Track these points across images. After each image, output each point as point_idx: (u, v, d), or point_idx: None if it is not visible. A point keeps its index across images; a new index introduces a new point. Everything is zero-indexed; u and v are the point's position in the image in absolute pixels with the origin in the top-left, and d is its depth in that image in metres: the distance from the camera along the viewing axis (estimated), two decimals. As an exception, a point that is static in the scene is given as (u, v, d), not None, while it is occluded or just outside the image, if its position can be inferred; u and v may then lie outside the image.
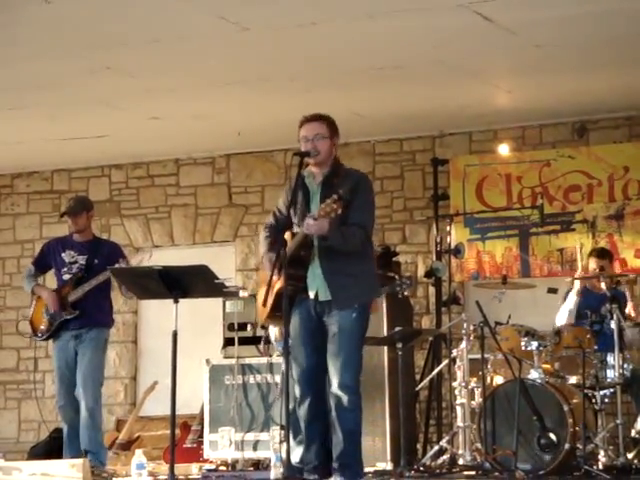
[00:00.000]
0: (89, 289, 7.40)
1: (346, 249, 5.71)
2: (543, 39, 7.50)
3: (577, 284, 7.92)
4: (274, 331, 7.84)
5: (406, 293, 7.58)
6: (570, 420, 6.94)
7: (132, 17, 7.01)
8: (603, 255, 8.09)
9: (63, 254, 7.59)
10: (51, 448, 8.01)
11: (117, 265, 7.18)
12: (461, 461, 7.36)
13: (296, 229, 5.81)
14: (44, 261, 7.73)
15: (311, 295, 5.77)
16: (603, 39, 7.52)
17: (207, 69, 8.03)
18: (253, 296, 8.10)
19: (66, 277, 7.53)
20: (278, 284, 5.71)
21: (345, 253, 5.72)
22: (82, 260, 7.53)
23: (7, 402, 10.77)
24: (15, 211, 11.01)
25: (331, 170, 5.86)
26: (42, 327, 7.57)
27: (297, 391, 5.82)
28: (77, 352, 7.48)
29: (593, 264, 7.98)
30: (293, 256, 5.67)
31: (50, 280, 7.93)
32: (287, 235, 5.79)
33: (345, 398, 5.66)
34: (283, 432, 5.84)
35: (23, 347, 10.55)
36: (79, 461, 6.75)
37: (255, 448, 8.13)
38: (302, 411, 5.80)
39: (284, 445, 5.63)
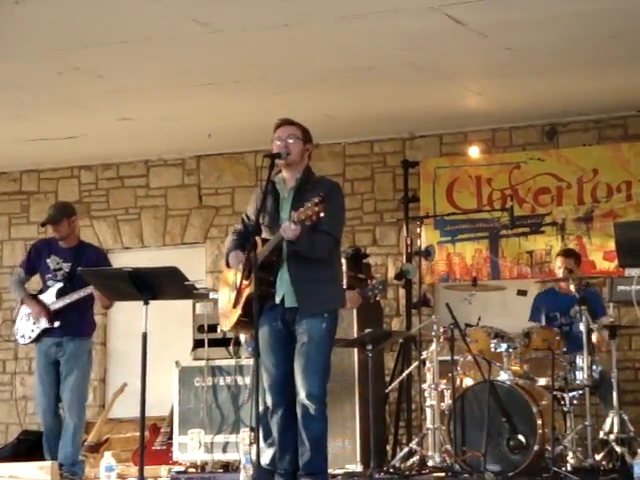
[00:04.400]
0: (70, 302, 7.36)
1: (313, 256, 5.70)
2: (513, 42, 7.53)
3: None
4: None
5: (378, 298, 7.62)
6: (539, 422, 6.97)
7: (101, 18, 6.97)
8: (569, 255, 8.14)
9: (48, 260, 7.55)
10: (19, 450, 7.96)
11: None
12: (431, 463, 7.38)
13: (265, 235, 5.79)
14: (32, 264, 7.70)
15: (277, 300, 5.75)
16: (573, 42, 7.56)
17: (177, 70, 8.00)
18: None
19: (49, 283, 7.51)
20: (247, 290, 5.69)
21: (313, 259, 5.71)
22: (66, 268, 7.48)
23: (-25, 404, 10.69)
24: (-17, 212, 10.93)
25: (303, 176, 5.85)
26: (25, 332, 7.55)
27: (269, 400, 5.80)
28: (59, 361, 7.46)
29: (559, 263, 8.02)
30: (265, 260, 5.65)
31: (36, 282, 7.86)
32: (258, 240, 5.77)
33: (312, 407, 5.66)
34: (253, 434, 5.84)
35: (-9, 350, 10.49)
36: (47, 463, 6.73)
37: (225, 450, 8.11)
38: (275, 420, 5.79)
39: (254, 447, 5.62)
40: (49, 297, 7.48)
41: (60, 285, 7.46)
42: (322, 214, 5.49)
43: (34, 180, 10.83)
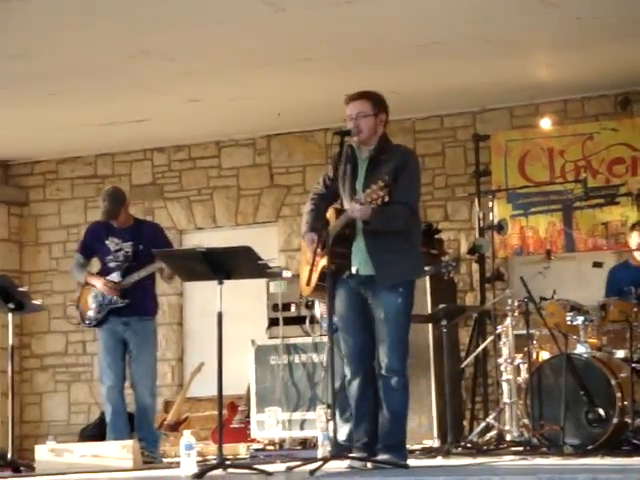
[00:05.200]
0: (138, 279, 7.41)
1: (389, 229, 5.68)
2: (584, 11, 7.42)
3: None
4: (319, 309, 7.86)
5: (451, 275, 7.60)
6: (618, 394, 6.90)
7: (172, 1, 7.02)
8: None
9: (107, 241, 7.55)
10: (101, 430, 8.08)
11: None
12: (508, 437, 7.36)
13: (343, 200, 5.77)
14: (89, 248, 7.71)
15: (353, 270, 5.74)
16: (645, 9, 7.43)
17: (245, 51, 8.03)
18: (297, 276, 8.13)
19: (112, 265, 7.52)
20: (322, 262, 5.71)
21: (389, 231, 5.70)
22: (127, 247, 7.50)
23: (57, 385, 10.90)
24: (60, 196, 11.11)
25: (377, 147, 5.80)
26: (90, 314, 7.58)
27: (347, 370, 5.82)
28: (126, 340, 7.51)
29: (637, 238, 7.90)
30: (338, 235, 5.66)
31: (95, 265, 7.95)
32: (330, 212, 5.79)
33: (393, 380, 5.66)
34: (329, 411, 5.87)
35: (71, 331, 10.68)
36: (129, 442, 6.84)
37: (302, 427, 8.17)
38: (352, 389, 5.79)
39: (331, 424, 5.66)
40: (115, 278, 7.50)
41: (125, 265, 7.46)
42: (387, 198, 5.44)
43: (108, 163, 10.97)
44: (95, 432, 8.99)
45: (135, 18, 7.24)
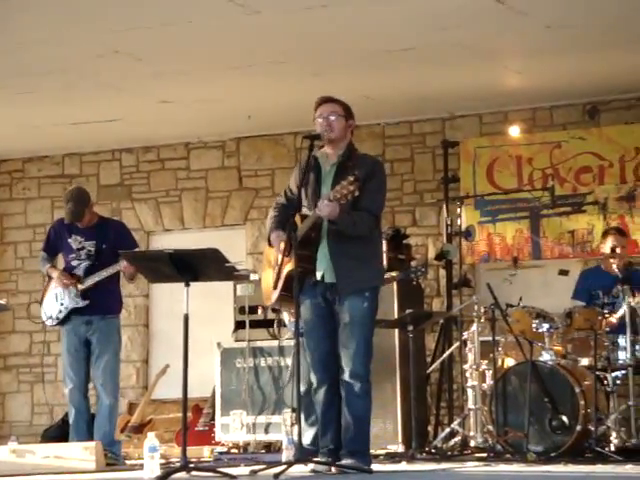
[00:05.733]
0: (99, 280, 7.34)
1: (354, 234, 5.70)
2: (554, 20, 7.47)
3: None
4: (286, 313, 7.85)
5: (420, 281, 7.62)
6: (582, 402, 6.94)
7: (141, 1, 7.00)
8: (622, 233, 8.10)
9: (69, 239, 7.50)
10: (64, 431, 8.03)
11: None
12: (472, 443, 7.38)
13: (305, 210, 5.80)
14: (52, 246, 7.66)
15: (318, 276, 5.76)
16: (613, 19, 7.48)
17: (216, 52, 8.01)
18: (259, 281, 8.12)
19: (75, 263, 7.47)
20: (288, 266, 5.71)
21: (353, 236, 5.71)
22: (90, 246, 7.45)
23: (20, 385, 10.82)
24: (27, 195, 11.03)
25: (345, 153, 5.84)
26: (52, 313, 7.53)
27: (313, 377, 5.82)
28: (89, 340, 7.44)
29: (613, 241, 7.91)
30: (304, 237, 5.67)
31: (60, 263, 7.89)
32: (297, 218, 5.79)
33: (356, 386, 5.68)
34: (294, 415, 5.86)
35: (35, 331, 10.57)
36: (92, 444, 6.80)
37: (267, 431, 8.16)
38: (319, 397, 5.80)
39: (296, 428, 5.65)
40: (81, 271, 7.43)
41: (87, 263, 7.41)
42: (357, 193, 5.49)
43: (76, 163, 10.91)
44: (58, 433, 8.93)
45: (104, 18, 7.20)
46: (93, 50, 7.82)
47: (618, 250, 7.72)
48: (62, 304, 7.45)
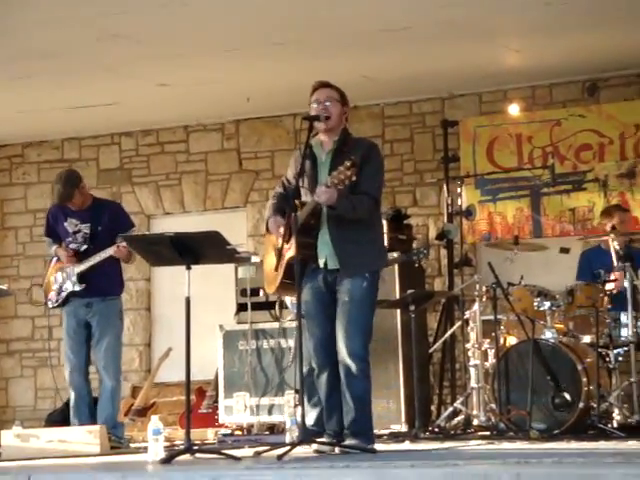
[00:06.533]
0: (94, 263, 7.30)
1: (354, 217, 5.70)
2: (553, -3, 7.45)
3: None
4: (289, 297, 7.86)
5: (422, 263, 7.62)
6: (584, 379, 6.96)
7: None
8: (624, 209, 8.12)
9: (65, 223, 7.47)
10: (67, 415, 8.05)
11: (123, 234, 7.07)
12: (475, 422, 7.40)
13: (304, 198, 5.79)
14: (53, 230, 7.63)
15: (320, 263, 5.76)
16: (613, -4, 7.47)
17: (214, 34, 7.99)
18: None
19: (72, 246, 7.43)
20: (289, 253, 5.70)
21: (353, 221, 5.71)
22: (86, 229, 7.41)
23: (23, 370, 10.84)
24: (26, 180, 11.03)
25: (341, 139, 5.83)
26: (51, 295, 7.52)
27: (314, 362, 5.81)
28: (89, 323, 7.42)
29: (617, 218, 7.92)
30: (303, 224, 5.65)
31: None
32: (296, 203, 5.77)
33: (354, 366, 5.66)
34: (298, 396, 5.87)
35: (38, 315, 10.61)
36: (96, 427, 6.81)
37: (270, 412, 8.17)
38: (321, 382, 5.79)
39: (299, 409, 5.65)
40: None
41: (83, 247, 7.39)
42: (354, 178, 5.47)
43: (75, 148, 10.90)
44: (61, 417, 8.94)
45: (102, 1, 7.18)
46: (91, 33, 7.80)
47: (618, 227, 7.72)
48: (61, 287, 7.45)
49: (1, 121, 10.23)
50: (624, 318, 7.22)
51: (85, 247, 7.40)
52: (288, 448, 5.33)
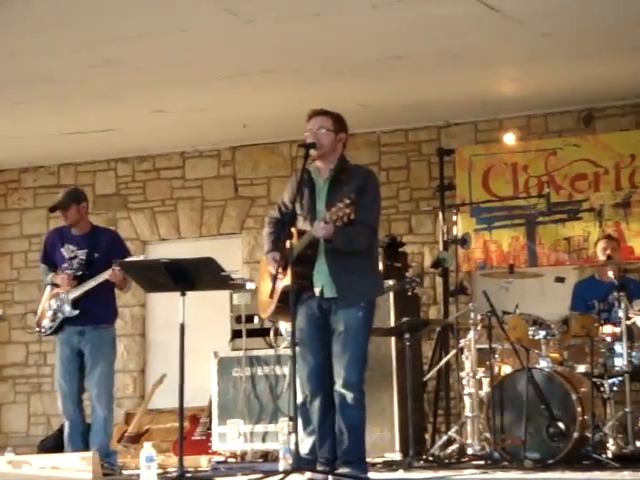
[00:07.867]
0: (88, 289, 7.24)
1: (352, 250, 5.69)
2: (549, 27, 7.48)
3: None
4: (284, 323, 7.84)
5: (415, 291, 7.62)
6: (579, 409, 6.94)
7: (134, 10, 7.00)
8: (612, 238, 8.13)
9: (62, 249, 7.43)
10: (61, 442, 8.01)
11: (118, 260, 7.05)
12: (470, 451, 7.37)
13: (301, 224, 5.78)
14: (49, 256, 7.58)
15: (316, 292, 5.75)
16: (609, 26, 7.49)
17: (211, 61, 8.02)
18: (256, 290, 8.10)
19: (68, 272, 7.36)
20: (284, 281, 5.69)
21: (351, 252, 5.71)
22: (82, 255, 7.36)
23: (16, 396, 10.80)
24: (22, 206, 11.03)
25: (337, 166, 5.83)
26: (45, 322, 7.46)
27: (307, 389, 5.80)
28: (82, 351, 7.34)
29: (603, 245, 7.94)
30: (300, 255, 5.65)
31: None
32: (292, 230, 5.77)
33: (350, 396, 5.65)
34: (292, 424, 5.85)
35: (31, 341, 10.59)
36: (89, 454, 6.77)
37: (264, 440, 8.14)
38: (314, 409, 5.77)
39: (293, 436, 5.64)
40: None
41: (79, 273, 7.33)
42: (352, 216, 5.47)
43: (71, 173, 10.91)
44: (54, 444, 8.89)
45: (98, 27, 7.20)
46: (88, 60, 7.82)
47: (609, 252, 7.73)
48: (56, 313, 7.42)
49: (-3, 146, 10.26)
50: (619, 348, 7.20)
51: (80, 273, 7.37)
52: (281, 476, 5.32)
